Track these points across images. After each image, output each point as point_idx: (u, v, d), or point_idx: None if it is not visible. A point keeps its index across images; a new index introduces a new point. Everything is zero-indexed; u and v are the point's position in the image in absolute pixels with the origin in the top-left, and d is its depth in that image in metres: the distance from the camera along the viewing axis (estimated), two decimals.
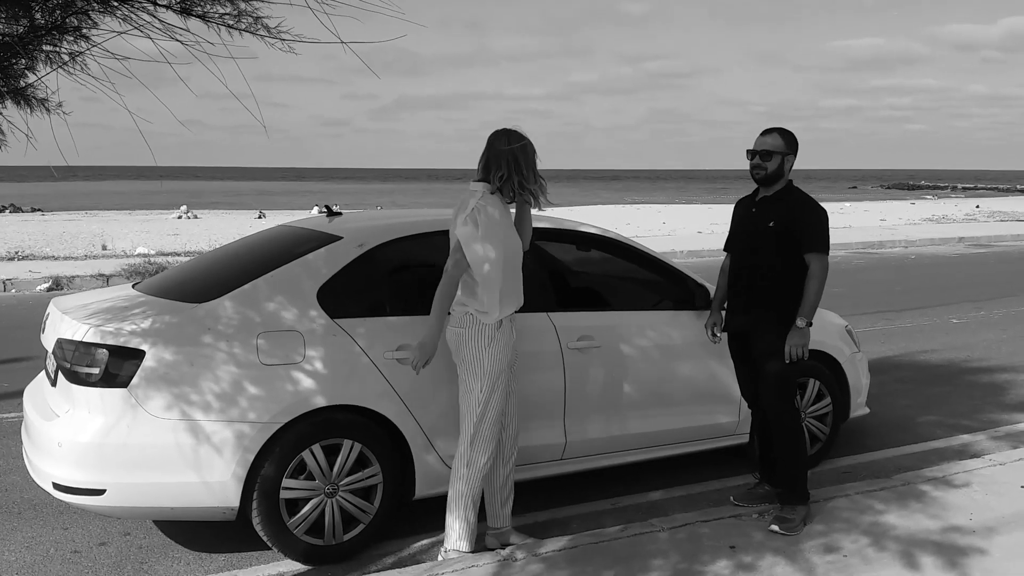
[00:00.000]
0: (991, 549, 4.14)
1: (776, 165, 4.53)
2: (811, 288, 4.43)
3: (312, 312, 4.27)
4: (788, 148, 4.55)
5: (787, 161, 4.56)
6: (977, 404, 7.23)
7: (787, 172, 4.58)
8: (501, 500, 4.36)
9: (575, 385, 4.76)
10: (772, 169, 4.53)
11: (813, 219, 4.51)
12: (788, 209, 4.53)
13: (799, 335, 4.43)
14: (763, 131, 4.63)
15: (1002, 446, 6.06)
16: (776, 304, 4.51)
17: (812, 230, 4.48)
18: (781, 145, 4.54)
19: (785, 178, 4.59)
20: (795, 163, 4.60)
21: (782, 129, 4.62)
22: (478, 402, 4.05)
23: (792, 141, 4.58)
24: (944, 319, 11.13)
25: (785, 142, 4.55)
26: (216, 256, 5.21)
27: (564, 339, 4.72)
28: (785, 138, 4.57)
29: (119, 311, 4.27)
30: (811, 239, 4.46)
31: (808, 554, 4.11)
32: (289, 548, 4.18)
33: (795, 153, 4.58)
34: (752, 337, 4.62)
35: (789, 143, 4.56)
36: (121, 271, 13.97)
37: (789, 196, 4.59)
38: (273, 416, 4.06)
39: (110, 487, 3.97)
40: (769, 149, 4.53)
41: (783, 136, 4.58)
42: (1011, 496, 4.80)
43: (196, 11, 3.04)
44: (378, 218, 5.24)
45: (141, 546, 4.52)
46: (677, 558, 4.05)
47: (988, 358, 8.95)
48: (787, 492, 4.54)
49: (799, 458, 4.56)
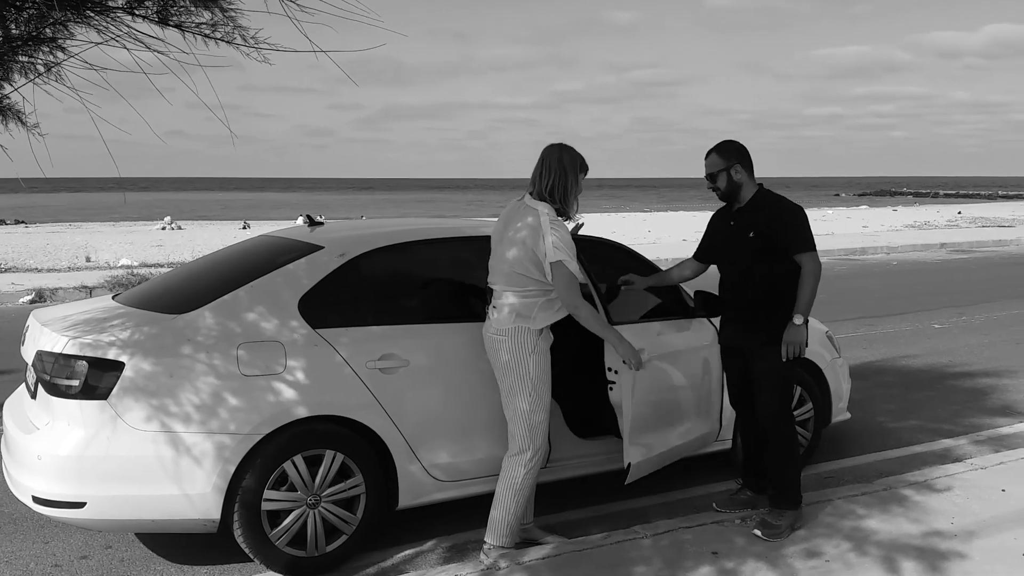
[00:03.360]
0: (972, 553, 4.17)
1: (725, 181, 4.52)
2: (806, 285, 4.40)
3: (293, 322, 4.26)
4: (728, 160, 4.50)
5: (735, 172, 4.51)
6: (959, 408, 7.28)
7: (744, 181, 4.53)
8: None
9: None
10: (724, 186, 4.52)
11: (791, 220, 4.47)
12: (766, 217, 4.48)
13: (795, 332, 4.41)
14: (705, 154, 4.60)
15: (984, 450, 6.10)
16: (768, 316, 4.48)
17: (794, 232, 4.45)
18: (719, 162, 4.51)
19: (748, 187, 4.55)
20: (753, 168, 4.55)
21: (718, 145, 4.59)
22: (529, 406, 4.17)
23: (732, 150, 4.53)
24: (926, 324, 11.21)
25: (723, 157, 4.52)
26: (196, 267, 5.19)
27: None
28: (723, 153, 4.53)
29: (99, 323, 4.25)
30: (796, 240, 4.44)
31: (790, 559, 4.12)
32: (271, 560, 4.16)
33: (741, 161, 4.51)
34: (746, 352, 4.60)
35: (728, 155, 4.52)
36: (104, 283, 13.89)
37: (764, 202, 4.53)
38: (254, 427, 4.04)
39: (90, 500, 3.94)
40: (711, 171, 4.54)
41: (720, 153, 4.54)
42: (992, 500, 4.83)
43: (173, 21, 3.03)
44: (360, 228, 5.23)
45: (123, 559, 4.49)
46: (660, 564, 4.05)
47: (970, 363, 9.01)
48: (778, 495, 4.53)
49: (792, 463, 4.55)
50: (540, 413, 4.19)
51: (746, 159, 4.55)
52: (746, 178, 4.54)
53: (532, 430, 4.18)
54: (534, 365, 4.15)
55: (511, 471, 4.21)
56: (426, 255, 4.88)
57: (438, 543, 4.64)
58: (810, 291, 4.41)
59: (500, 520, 4.20)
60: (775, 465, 4.57)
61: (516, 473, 4.20)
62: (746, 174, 4.53)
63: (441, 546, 4.61)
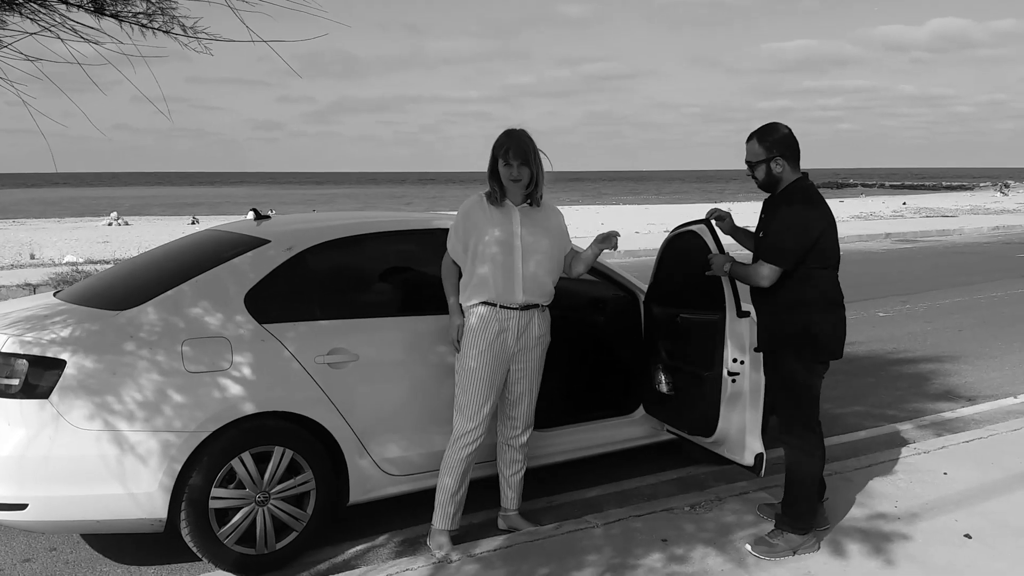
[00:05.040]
0: (915, 535, 4.26)
1: (764, 173, 4.13)
2: (748, 270, 4.11)
3: (239, 317, 4.20)
4: (769, 152, 4.09)
5: (775, 165, 4.09)
6: (902, 395, 7.43)
7: (782, 176, 4.11)
8: (507, 484, 4.61)
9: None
10: (762, 178, 4.15)
11: (779, 229, 4.05)
12: (772, 217, 4.13)
13: (719, 264, 4.24)
14: (747, 138, 4.20)
15: (927, 435, 6.23)
16: (773, 319, 4.13)
17: (771, 239, 4.07)
18: (760, 152, 4.10)
19: (788, 178, 4.12)
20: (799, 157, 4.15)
21: (761, 130, 4.17)
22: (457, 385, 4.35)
23: (775, 140, 4.10)
24: (871, 312, 11.41)
25: (764, 146, 4.10)
26: (140, 262, 5.11)
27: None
28: (764, 142, 4.11)
29: (39, 320, 4.16)
30: (766, 246, 4.07)
31: (738, 544, 4.17)
32: (219, 558, 4.11)
33: (783, 153, 4.08)
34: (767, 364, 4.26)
35: (769, 146, 4.10)
36: (49, 280, 13.60)
37: (781, 202, 4.12)
38: (200, 424, 3.99)
39: (32, 501, 3.85)
40: (750, 160, 4.16)
41: (761, 141, 4.12)
42: (935, 483, 4.94)
43: (109, 11, 2.96)
44: (307, 221, 5.18)
45: (68, 561, 4.41)
46: (611, 553, 4.08)
47: (913, 350, 9.19)
48: (782, 515, 4.22)
49: (804, 488, 4.18)
50: (467, 396, 4.31)
51: (791, 148, 4.11)
52: (788, 170, 4.12)
53: (458, 412, 4.34)
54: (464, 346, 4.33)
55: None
56: (374, 248, 4.84)
57: (390, 538, 4.62)
58: (740, 274, 4.17)
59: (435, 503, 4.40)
60: (788, 483, 4.24)
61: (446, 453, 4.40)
62: (788, 166, 4.11)
63: (393, 540, 4.59)
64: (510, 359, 4.33)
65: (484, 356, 4.25)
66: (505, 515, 4.63)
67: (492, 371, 4.27)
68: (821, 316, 4.11)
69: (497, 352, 4.27)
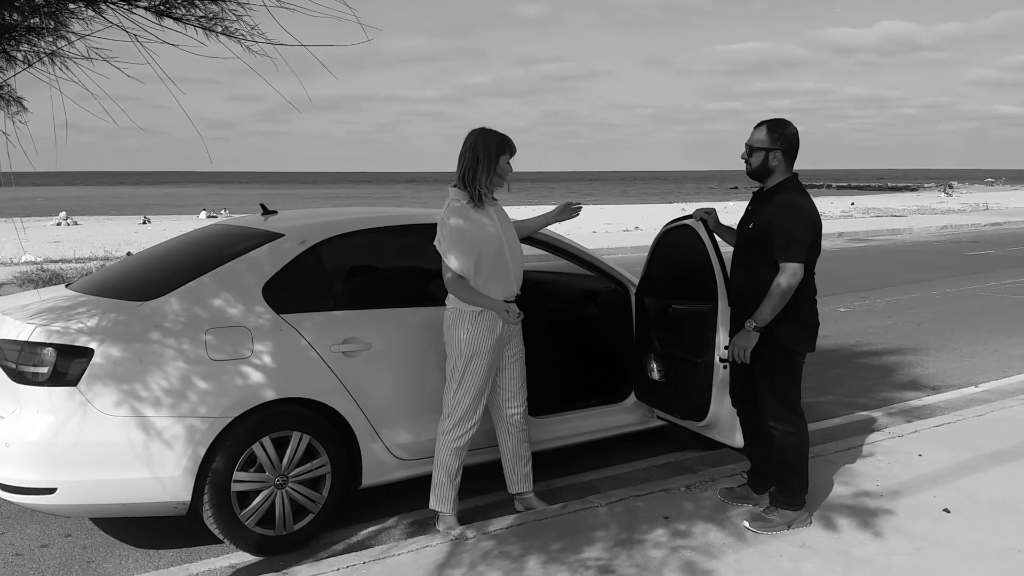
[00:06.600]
0: (898, 510, 4.54)
1: (759, 161, 4.26)
2: (773, 296, 4.12)
3: (258, 308, 4.35)
4: (773, 143, 4.23)
5: (772, 157, 4.24)
6: (870, 384, 7.77)
7: (776, 169, 4.27)
8: (514, 468, 4.74)
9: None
10: (756, 165, 4.28)
11: (787, 223, 4.13)
12: (769, 211, 4.23)
13: (744, 338, 4.20)
14: (756, 124, 4.35)
15: (897, 421, 6.54)
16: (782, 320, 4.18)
17: (781, 235, 4.13)
18: (765, 140, 4.24)
19: (779, 175, 4.28)
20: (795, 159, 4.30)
21: (773, 121, 4.30)
22: (450, 379, 4.45)
23: (780, 135, 4.24)
24: (832, 308, 11.78)
25: (771, 137, 4.24)
26: (151, 255, 5.21)
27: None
28: (772, 133, 4.25)
29: (63, 311, 4.26)
30: (780, 243, 4.13)
31: (736, 520, 4.42)
32: (241, 540, 4.25)
33: (784, 149, 4.24)
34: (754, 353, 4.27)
35: (776, 138, 4.24)
36: (13, 279, 13.46)
37: (776, 196, 4.25)
38: (223, 410, 4.13)
39: (61, 485, 3.97)
40: (752, 144, 4.27)
41: (770, 131, 4.26)
42: (911, 464, 5.24)
43: (175, 14, 3.06)
44: (317, 216, 5.33)
45: (85, 546, 4.51)
46: (617, 529, 4.30)
47: (876, 343, 9.57)
48: (777, 494, 4.41)
49: (795, 467, 4.36)
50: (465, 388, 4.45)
51: (792, 148, 4.27)
52: (782, 166, 4.27)
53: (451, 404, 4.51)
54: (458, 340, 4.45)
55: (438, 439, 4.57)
56: (383, 242, 5.02)
57: (400, 520, 4.80)
58: (774, 304, 4.13)
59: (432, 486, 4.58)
60: (778, 464, 4.41)
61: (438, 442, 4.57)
62: (784, 163, 4.27)
63: (403, 522, 4.77)
64: (504, 348, 4.54)
65: (493, 354, 4.44)
66: (522, 497, 4.78)
67: (493, 366, 4.49)
68: (809, 307, 4.34)
69: (498, 348, 4.47)
